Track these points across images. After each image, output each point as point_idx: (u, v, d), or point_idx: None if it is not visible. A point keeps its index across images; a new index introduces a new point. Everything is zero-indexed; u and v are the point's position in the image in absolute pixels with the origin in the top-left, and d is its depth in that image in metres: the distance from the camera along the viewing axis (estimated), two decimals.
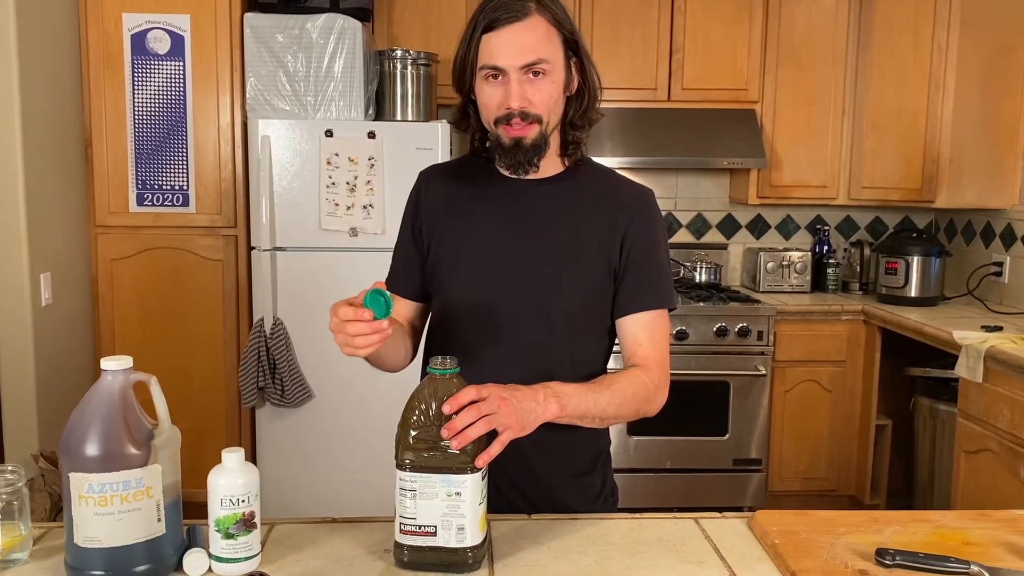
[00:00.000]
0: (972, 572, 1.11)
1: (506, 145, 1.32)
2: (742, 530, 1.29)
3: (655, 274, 1.40)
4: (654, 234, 1.41)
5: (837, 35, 3.70)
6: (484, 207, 1.40)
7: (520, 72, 1.27)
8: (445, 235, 1.41)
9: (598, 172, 1.45)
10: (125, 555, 1.07)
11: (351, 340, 1.15)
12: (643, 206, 1.42)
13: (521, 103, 1.28)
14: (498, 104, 1.30)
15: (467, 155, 1.47)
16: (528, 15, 1.26)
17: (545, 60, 1.27)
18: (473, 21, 1.30)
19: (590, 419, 1.27)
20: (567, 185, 1.40)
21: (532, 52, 1.26)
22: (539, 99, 1.29)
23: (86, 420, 1.06)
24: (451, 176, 1.46)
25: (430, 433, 1.10)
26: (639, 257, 1.38)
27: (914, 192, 3.62)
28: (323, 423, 3.21)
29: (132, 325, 3.30)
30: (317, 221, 3.14)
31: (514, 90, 1.27)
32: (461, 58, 1.32)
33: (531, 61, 1.27)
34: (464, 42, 1.31)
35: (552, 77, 1.29)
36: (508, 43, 1.26)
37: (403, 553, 1.13)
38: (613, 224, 1.38)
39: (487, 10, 1.28)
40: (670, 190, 4.05)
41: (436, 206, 1.43)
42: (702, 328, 3.45)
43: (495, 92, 1.30)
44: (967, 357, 2.76)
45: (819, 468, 3.61)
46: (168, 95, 3.22)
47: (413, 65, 3.33)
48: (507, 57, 1.26)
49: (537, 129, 1.31)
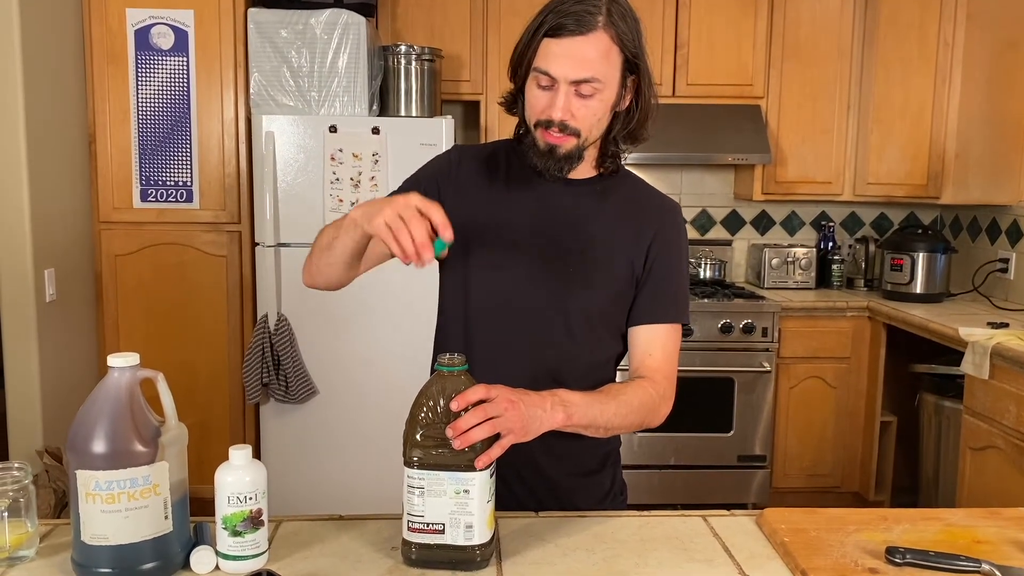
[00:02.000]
0: (983, 571, 1.10)
1: (541, 148, 1.31)
2: (751, 528, 1.28)
3: (675, 289, 1.39)
4: (679, 249, 1.41)
5: (842, 30, 3.68)
6: (514, 200, 1.38)
7: (570, 85, 1.25)
8: (470, 220, 1.37)
9: (629, 180, 1.45)
10: (132, 552, 1.06)
11: (412, 221, 1.11)
12: (671, 219, 1.41)
13: (564, 116, 1.26)
14: (541, 109, 1.28)
15: (501, 142, 1.45)
16: (593, 30, 1.23)
17: (598, 80, 1.25)
18: (541, 17, 1.26)
19: (594, 429, 1.27)
20: (598, 189, 1.39)
21: (587, 69, 1.24)
22: (583, 115, 1.28)
23: (93, 417, 1.05)
24: (486, 161, 1.43)
25: (438, 430, 1.09)
26: (662, 269, 1.38)
27: (919, 188, 3.61)
28: (328, 419, 3.21)
29: (136, 321, 3.30)
30: (321, 217, 3.13)
31: (560, 102, 1.26)
32: (520, 51, 1.30)
33: (583, 78, 1.24)
34: (527, 35, 1.28)
35: (602, 96, 1.27)
36: (566, 53, 1.24)
37: (411, 551, 1.12)
38: (640, 232, 1.38)
39: (556, 11, 1.25)
40: (674, 186, 4.04)
41: (467, 186, 1.40)
42: (707, 324, 3.44)
43: (541, 96, 1.28)
44: (973, 354, 2.75)
45: (823, 465, 3.61)
46: (172, 91, 3.22)
47: (417, 60, 3.32)
48: (561, 68, 1.24)
49: (574, 142, 1.30)
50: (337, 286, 1.42)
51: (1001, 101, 3.45)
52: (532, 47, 1.27)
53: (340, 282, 1.41)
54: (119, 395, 1.06)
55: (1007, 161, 3.48)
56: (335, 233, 1.31)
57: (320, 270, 1.39)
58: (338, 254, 1.32)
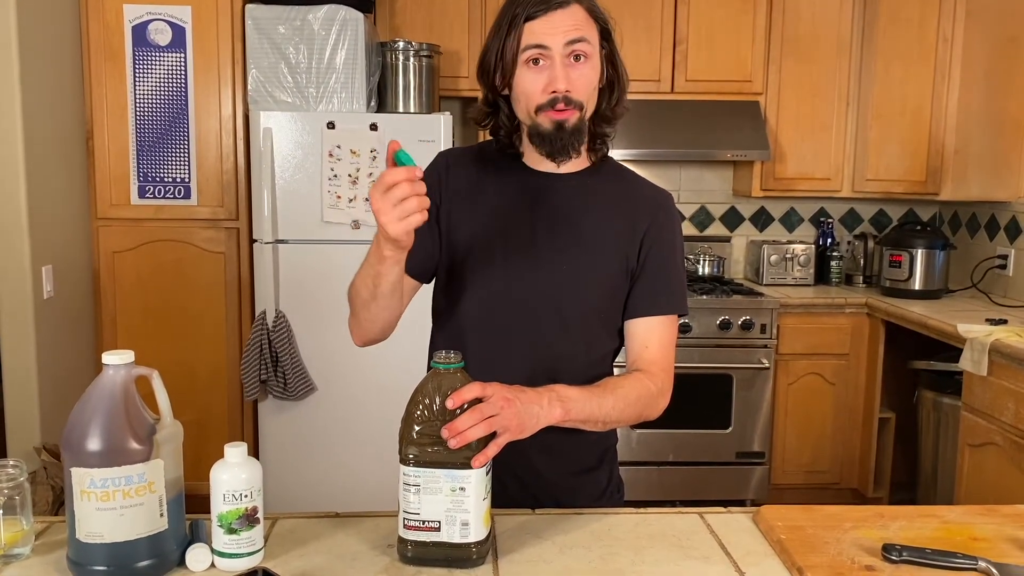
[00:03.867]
0: (980, 568, 1.10)
1: (547, 131, 1.30)
2: (747, 525, 1.28)
3: (671, 279, 1.39)
4: (672, 239, 1.40)
5: (842, 26, 3.68)
6: (506, 197, 1.38)
7: (564, 54, 1.27)
8: (465, 223, 1.38)
9: (620, 171, 1.45)
10: (128, 550, 1.06)
11: (403, 204, 1.11)
12: (665, 210, 1.41)
13: (567, 84, 1.27)
14: (542, 88, 1.28)
15: (488, 142, 1.44)
16: (568, 4, 1.27)
17: (587, 40, 1.28)
18: (509, 14, 1.28)
19: (592, 423, 1.27)
20: (590, 181, 1.39)
21: (576, 30, 1.27)
22: (580, 85, 1.29)
23: (87, 415, 1.05)
24: (475, 163, 1.43)
25: (434, 428, 1.09)
26: (657, 260, 1.37)
27: (918, 184, 3.60)
28: (326, 416, 3.21)
29: (134, 318, 3.30)
30: (319, 213, 3.13)
31: (559, 72, 1.27)
32: (495, 50, 1.30)
33: (576, 37, 1.27)
34: (500, 32, 1.29)
35: (592, 62, 1.30)
36: (552, 24, 1.26)
37: (407, 548, 1.12)
38: (634, 224, 1.38)
39: (526, 3, 1.27)
40: (673, 182, 4.04)
41: (459, 191, 1.40)
42: (705, 321, 3.44)
43: (538, 77, 1.28)
44: (971, 350, 2.75)
45: (822, 461, 3.61)
46: (169, 87, 3.21)
47: (415, 57, 3.32)
48: (552, 36, 1.26)
49: (578, 115, 1.30)
50: (389, 330, 1.39)
51: (1000, 97, 3.44)
52: (514, 36, 1.27)
53: (390, 323, 1.38)
54: (114, 393, 1.06)
55: (1006, 157, 3.48)
56: (364, 281, 1.29)
57: (370, 318, 1.35)
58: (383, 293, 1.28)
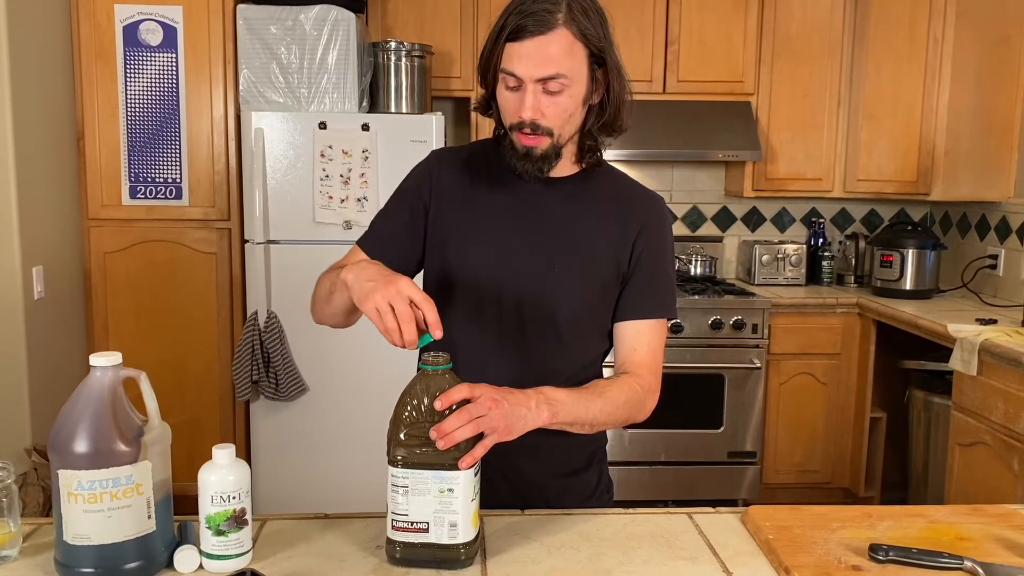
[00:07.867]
0: (965, 567, 1.11)
1: (519, 151, 1.31)
2: (735, 525, 1.28)
3: (661, 282, 1.39)
4: (664, 242, 1.40)
5: (833, 27, 3.69)
6: (497, 201, 1.38)
7: (536, 84, 1.25)
8: (454, 225, 1.38)
9: (612, 175, 1.44)
10: (115, 552, 1.06)
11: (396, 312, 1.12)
12: (656, 213, 1.41)
13: (534, 115, 1.27)
14: (512, 111, 1.29)
15: (480, 143, 1.45)
16: (553, 28, 1.23)
17: (563, 76, 1.25)
18: (502, 20, 1.27)
19: (580, 426, 1.26)
20: (581, 186, 1.39)
21: (551, 66, 1.24)
22: (552, 112, 1.27)
23: (75, 417, 1.05)
24: (466, 164, 1.43)
25: (422, 429, 1.09)
26: (648, 264, 1.38)
27: (909, 185, 3.62)
28: (317, 417, 3.21)
29: (125, 318, 3.29)
30: (311, 214, 3.13)
31: (528, 101, 1.26)
32: (486, 56, 1.31)
33: (548, 75, 1.24)
34: (490, 41, 1.29)
35: (570, 91, 1.27)
36: (529, 54, 1.24)
37: (395, 549, 1.12)
38: (625, 227, 1.38)
39: (515, 13, 1.25)
40: (665, 182, 4.04)
41: (449, 192, 1.40)
42: (697, 321, 3.44)
43: (511, 98, 1.29)
44: (961, 350, 2.76)
45: (814, 461, 3.62)
46: (161, 87, 3.20)
47: (407, 57, 3.31)
48: (525, 68, 1.25)
49: (548, 141, 1.30)
50: (344, 327, 1.44)
51: (990, 97, 3.46)
52: (496, 52, 1.28)
53: (345, 325, 1.43)
54: (101, 395, 1.06)
55: (996, 157, 3.49)
56: (330, 288, 1.33)
57: (324, 315, 1.42)
58: (336, 307, 1.35)
